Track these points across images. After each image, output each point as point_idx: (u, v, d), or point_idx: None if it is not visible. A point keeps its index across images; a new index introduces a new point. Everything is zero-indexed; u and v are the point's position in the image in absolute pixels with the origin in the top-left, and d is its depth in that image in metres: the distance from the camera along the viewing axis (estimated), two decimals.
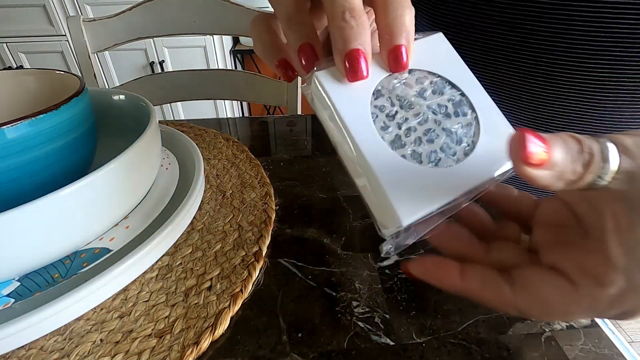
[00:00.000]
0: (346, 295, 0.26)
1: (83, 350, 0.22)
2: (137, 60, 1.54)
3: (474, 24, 0.41)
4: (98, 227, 0.25)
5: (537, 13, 0.36)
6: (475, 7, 0.40)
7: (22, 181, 0.24)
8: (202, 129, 0.48)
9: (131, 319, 0.24)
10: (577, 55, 0.35)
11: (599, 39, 0.34)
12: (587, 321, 0.24)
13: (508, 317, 0.24)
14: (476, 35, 0.41)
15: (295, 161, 0.42)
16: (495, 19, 0.39)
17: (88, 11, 1.43)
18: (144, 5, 0.67)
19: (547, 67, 0.38)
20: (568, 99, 0.38)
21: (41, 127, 0.24)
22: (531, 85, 0.40)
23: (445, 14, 0.44)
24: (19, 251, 0.22)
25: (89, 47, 0.68)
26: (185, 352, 0.21)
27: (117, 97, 0.36)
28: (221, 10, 0.68)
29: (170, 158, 0.36)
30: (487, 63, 0.42)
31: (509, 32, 0.38)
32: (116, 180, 0.25)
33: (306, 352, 0.22)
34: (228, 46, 1.66)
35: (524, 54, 0.38)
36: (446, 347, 0.22)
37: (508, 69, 0.40)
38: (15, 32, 1.45)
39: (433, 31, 0.23)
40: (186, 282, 0.26)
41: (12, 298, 0.22)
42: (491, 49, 0.41)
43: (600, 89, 0.36)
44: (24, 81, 0.32)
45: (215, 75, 0.77)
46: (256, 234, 0.30)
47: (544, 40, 0.36)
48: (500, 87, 0.42)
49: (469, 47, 0.43)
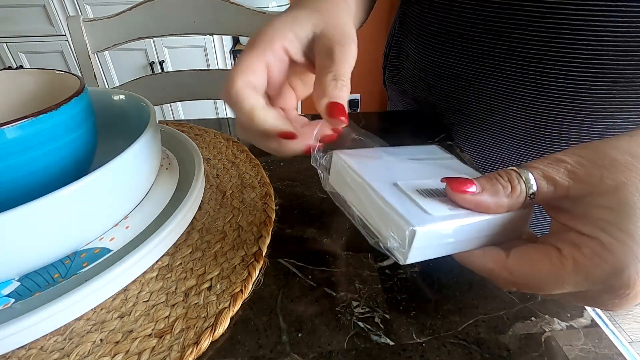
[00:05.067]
0: (346, 295, 0.26)
1: (83, 350, 0.22)
2: (137, 60, 1.54)
3: (461, 33, 0.41)
4: (98, 227, 0.25)
5: (524, 22, 0.35)
6: (461, 15, 0.40)
7: (22, 181, 0.24)
8: (202, 129, 0.48)
9: (131, 319, 0.24)
10: (567, 64, 0.35)
11: (588, 46, 0.33)
12: (587, 321, 0.24)
13: (508, 317, 0.24)
14: (464, 44, 0.41)
15: (295, 161, 0.42)
16: (482, 27, 0.38)
17: (88, 11, 1.43)
18: (144, 5, 0.67)
19: (536, 76, 0.37)
20: (559, 108, 0.38)
21: (41, 127, 0.24)
22: (522, 94, 0.39)
23: (432, 23, 0.44)
24: (19, 251, 0.22)
25: (89, 47, 0.68)
26: (185, 352, 0.21)
27: (117, 97, 0.36)
28: (221, 10, 0.68)
29: (170, 158, 0.36)
30: (476, 72, 0.42)
31: (497, 41, 0.38)
32: (116, 180, 0.25)
33: (306, 352, 0.22)
34: (228, 46, 1.66)
35: (513, 63, 0.38)
36: (446, 347, 0.22)
37: (497, 77, 0.40)
38: (15, 32, 1.44)
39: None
40: (186, 282, 0.26)
41: (12, 298, 0.22)
42: (479, 58, 0.40)
43: (592, 96, 0.36)
44: (24, 81, 0.32)
45: (215, 75, 0.77)
46: (256, 234, 0.30)
47: (532, 48, 0.36)
48: (491, 96, 0.42)
49: (457, 56, 0.43)
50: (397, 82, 0.56)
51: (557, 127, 0.40)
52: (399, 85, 0.56)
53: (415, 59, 0.49)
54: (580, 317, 0.24)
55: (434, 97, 0.49)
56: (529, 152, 0.43)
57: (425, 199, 0.20)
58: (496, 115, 0.43)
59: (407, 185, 0.21)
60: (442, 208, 0.20)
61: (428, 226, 0.18)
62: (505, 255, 0.20)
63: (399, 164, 0.24)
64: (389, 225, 0.20)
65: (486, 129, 0.45)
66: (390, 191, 0.21)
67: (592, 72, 0.35)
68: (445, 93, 0.47)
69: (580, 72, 0.35)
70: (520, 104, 0.40)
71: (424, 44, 0.46)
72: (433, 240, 0.19)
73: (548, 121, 0.40)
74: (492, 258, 0.20)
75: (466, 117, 0.46)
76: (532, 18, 0.35)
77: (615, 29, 0.32)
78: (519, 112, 0.41)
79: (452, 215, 0.19)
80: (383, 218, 0.20)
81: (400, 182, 0.21)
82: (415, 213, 0.19)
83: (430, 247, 0.19)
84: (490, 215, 0.20)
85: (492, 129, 0.44)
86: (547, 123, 0.40)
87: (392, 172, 0.23)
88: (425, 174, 0.23)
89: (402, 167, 0.24)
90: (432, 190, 0.21)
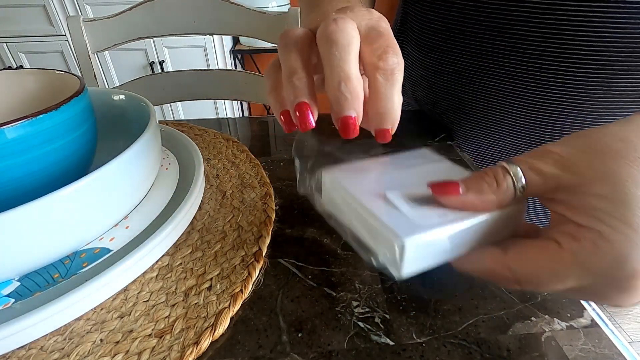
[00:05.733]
0: (346, 295, 0.26)
1: (83, 350, 0.22)
2: (137, 60, 1.54)
3: (463, 30, 0.41)
4: (98, 227, 0.25)
5: (525, 18, 0.35)
6: (463, 12, 0.40)
7: (22, 181, 0.24)
8: (202, 129, 0.48)
9: (131, 319, 0.24)
10: (568, 60, 0.35)
11: (588, 43, 0.33)
12: (587, 321, 0.24)
13: (508, 317, 0.24)
14: (465, 40, 0.41)
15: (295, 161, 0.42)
16: (484, 24, 0.38)
17: (88, 11, 1.43)
18: (144, 5, 0.67)
19: (537, 72, 0.37)
20: (560, 104, 0.38)
21: (41, 127, 0.24)
22: (522, 91, 0.39)
23: (434, 20, 0.44)
24: (19, 251, 0.22)
25: (89, 47, 0.68)
26: (185, 352, 0.21)
27: (117, 97, 0.36)
28: (221, 10, 0.68)
29: (170, 158, 0.36)
30: (477, 68, 0.42)
31: (498, 37, 0.38)
32: (116, 180, 0.25)
33: (306, 352, 0.22)
34: (228, 46, 1.66)
35: (514, 59, 0.38)
36: (446, 347, 0.22)
37: (499, 74, 0.40)
38: (15, 32, 1.44)
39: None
40: (186, 282, 0.26)
41: (12, 298, 0.22)
42: (481, 55, 0.40)
43: (593, 93, 0.36)
44: (24, 81, 0.32)
45: (215, 75, 0.77)
46: (256, 234, 0.30)
47: (533, 45, 0.36)
48: (492, 92, 0.42)
49: (459, 53, 0.43)
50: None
51: (557, 125, 0.40)
52: None
53: (417, 57, 0.49)
54: (580, 317, 0.24)
55: (434, 95, 0.49)
56: (528, 149, 0.43)
57: (414, 208, 0.20)
58: (497, 113, 0.43)
59: (396, 196, 0.21)
60: (431, 216, 0.19)
61: (417, 236, 0.18)
62: (503, 253, 0.19)
63: (389, 174, 0.24)
64: (379, 241, 0.19)
65: (487, 127, 0.45)
66: (379, 204, 0.20)
67: (592, 69, 0.35)
68: (446, 91, 0.47)
69: (580, 69, 0.35)
70: (521, 101, 0.40)
71: (425, 42, 0.46)
72: (425, 249, 0.19)
73: (549, 118, 0.40)
74: (491, 258, 0.20)
75: (467, 115, 0.46)
76: (533, 15, 0.35)
77: (616, 26, 0.32)
78: (520, 109, 0.41)
79: (442, 222, 0.19)
80: (372, 233, 0.20)
81: (389, 193, 0.21)
82: (403, 224, 0.19)
83: (424, 257, 0.19)
84: (481, 215, 0.19)
85: (493, 127, 0.45)
86: (548, 120, 0.40)
87: (381, 184, 0.22)
88: (415, 182, 0.22)
89: (391, 178, 0.23)
90: (421, 198, 0.21)
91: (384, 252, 0.19)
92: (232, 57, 1.70)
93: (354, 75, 0.20)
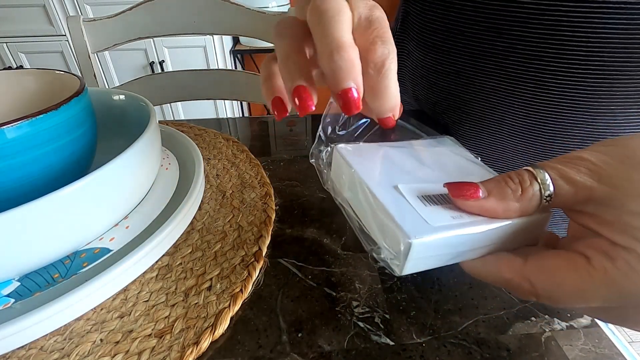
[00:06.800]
0: (346, 295, 0.26)
1: (83, 350, 0.22)
2: (137, 60, 1.54)
3: (462, 30, 0.41)
4: (98, 227, 0.25)
5: (523, 18, 0.35)
6: (461, 13, 0.40)
7: (22, 181, 0.24)
8: (202, 129, 0.48)
9: (131, 319, 0.24)
10: (567, 61, 0.35)
11: (588, 43, 0.33)
12: (587, 321, 0.24)
13: (508, 317, 0.24)
14: (464, 41, 0.41)
15: (295, 161, 0.42)
16: (483, 24, 0.38)
17: (88, 11, 1.43)
18: (144, 5, 0.67)
19: (537, 73, 0.37)
20: (560, 105, 0.38)
21: (41, 127, 0.24)
22: (522, 91, 0.39)
23: (433, 20, 0.44)
24: (19, 251, 0.22)
25: (89, 47, 0.68)
26: (185, 352, 0.21)
27: (117, 97, 0.36)
28: (221, 10, 0.68)
29: (170, 158, 0.36)
30: (477, 69, 0.42)
31: (497, 38, 0.38)
32: (116, 180, 0.25)
33: (306, 352, 0.22)
34: (228, 46, 1.66)
35: (513, 60, 0.38)
36: (446, 347, 0.22)
37: (498, 75, 0.40)
38: (15, 32, 1.45)
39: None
40: (186, 282, 0.26)
41: (12, 298, 0.22)
42: (480, 55, 0.40)
43: (592, 94, 0.36)
44: (24, 81, 0.32)
45: (215, 75, 0.77)
46: (256, 234, 0.30)
47: (532, 45, 0.36)
48: (491, 93, 0.42)
49: (458, 54, 0.43)
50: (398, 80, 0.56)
51: (557, 125, 0.40)
52: (400, 84, 0.56)
53: (417, 57, 0.49)
54: (580, 317, 0.24)
55: (434, 95, 0.49)
56: (529, 150, 0.43)
57: (427, 205, 0.19)
58: (496, 113, 0.43)
59: (409, 190, 0.19)
60: (443, 216, 0.18)
61: (426, 237, 0.17)
62: (521, 262, 0.18)
63: (404, 162, 0.22)
64: (384, 235, 0.18)
65: (486, 127, 0.45)
66: (389, 196, 0.19)
67: (592, 69, 0.35)
68: (446, 91, 0.47)
69: (580, 69, 0.35)
70: (521, 101, 0.40)
71: (425, 41, 0.46)
72: (432, 251, 0.18)
73: (548, 119, 0.40)
74: (508, 267, 0.18)
75: (467, 115, 0.46)
76: (531, 15, 0.35)
77: (615, 26, 0.32)
78: (520, 109, 0.41)
79: (455, 225, 0.17)
80: (379, 226, 0.19)
81: (401, 185, 0.20)
82: (413, 222, 0.17)
83: (429, 258, 0.18)
84: (499, 221, 0.18)
85: (493, 127, 0.45)
86: (548, 120, 0.40)
87: (394, 173, 0.21)
88: (430, 174, 0.21)
89: (406, 167, 0.22)
90: (435, 194, 0.19)
91: (389, 247, 0.18)
92: (232, 57, 1.70)
93: (347, 43, 0.18)
